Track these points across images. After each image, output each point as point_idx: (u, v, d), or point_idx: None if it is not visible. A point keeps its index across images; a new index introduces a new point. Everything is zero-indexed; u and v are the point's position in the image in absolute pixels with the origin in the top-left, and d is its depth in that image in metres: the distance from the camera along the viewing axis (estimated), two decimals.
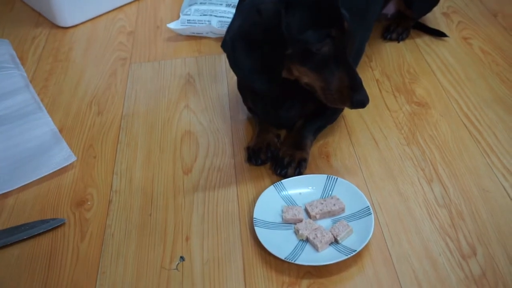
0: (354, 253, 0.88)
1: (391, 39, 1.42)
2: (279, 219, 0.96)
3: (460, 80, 1.28)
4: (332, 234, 0.91)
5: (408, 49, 1.39)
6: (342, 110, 1.16)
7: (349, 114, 1.20)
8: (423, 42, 1.41)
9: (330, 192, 1.00)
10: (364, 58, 1.35)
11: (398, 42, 1.41)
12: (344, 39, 0.93)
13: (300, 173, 1.05)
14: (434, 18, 1.50)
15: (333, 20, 0.92)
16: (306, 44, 0.91)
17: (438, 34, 1.42)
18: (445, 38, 1.42)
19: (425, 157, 1.09)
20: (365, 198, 0.97)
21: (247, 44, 0.92)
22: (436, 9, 1.50)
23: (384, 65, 1.34)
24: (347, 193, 0.99)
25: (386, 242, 0.93)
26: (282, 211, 0.96)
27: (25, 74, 1.40)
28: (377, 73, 1.32)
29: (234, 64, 0.95)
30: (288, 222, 0.95)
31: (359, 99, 0.94)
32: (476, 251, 0.91)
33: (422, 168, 1.07)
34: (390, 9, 1.40)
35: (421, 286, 0.87)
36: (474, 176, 1.04)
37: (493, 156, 1.08)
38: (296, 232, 0.93)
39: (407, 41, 1.42)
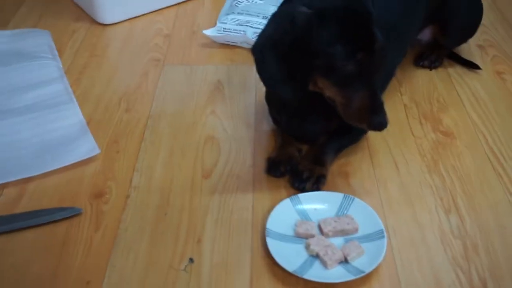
0: (363, 274, 0.88)
1: (423, 66, 1.42)
2: (291, 232, 0.96)
3: (489, 114, 1.27)
4: (342, 253, 0.91)
5: (440, 77, 1.39)
6: (366, 131, 1.16)
7: (373, 136, 1.20)
8: (456, 72, 1.41)
9: (345, 211, 1.00)
10: (394, 82, 1.35)
11: (430, 70, 1.41)
12: (372, 60, 0.93)
13: (317, 189, 1.05)
14: (469, 49, 1.49)
15: (363, 40, 0.92)
16: (332, 58, 0.92)
17: (471, 65, 1.41)
18: (478, 71, 1.41)
19: (445, 187, 1.08)
20: (380, 221, 0.96)
21: (276, 51, 0.93)
22: (471, 41, 1.49)
23: (413, 91, 1.34)
24: (362, 214, 0.98)
25: (396, 267, 0.92)
26: (295, 225, 0.96)
27: (61, 66, 1.43)
28: (405, 99, 1.32)
29: (261, 69, 0.97)
30: (300, 237, 0.95)
31: (377, 122, 0.94)
32: (487, 285, 0.90)
33: (441, 197, 1.06)
34: (425, 35, 1.40)
35: None
36: (493, 211, 1.03)
37: None
38: (307, 247, 0.93)
39: (439, 69, 1.41)
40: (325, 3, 0.92)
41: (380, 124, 0.95)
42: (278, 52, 0.94)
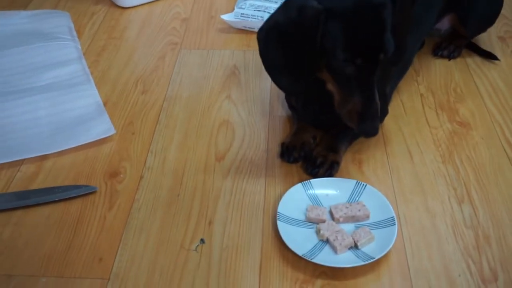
0: (372, 260, 0.88)
1: (441, 56, 1.40)
2: (302, 217, 0.97)
3: (507, 105, 1.26)
4: (353, 238, 0.91)
5: (458, 68, 1.37)
6: (382, 121, 1.15)
7: (388, 125, 1.19)
8: (474, 62, 1.39)
9: (357, 198, 1.00)
10: (411, 72, 1.34)
11: (449, 60, 1.39)
12: (373, 68, 0.90)
13: (331, 175, 1.05)
14: (489, 40, 1.47)
15: (368, 46, 0.89)
16: (333, 58, 0.90)
17: (490, 56, 1.40)
18: (497, 62, 1.39)
19: (459, 177, 1.07)
20: (392, 208, 0.96)
21: (281, 39, 0.93)
22: (492, 32, 1.47)
23: (430, 81, 1.33)
24: (374, 201, 0.98)
25: (406, 255, 0.92)
26: (307, 210, 0.97)
27: (80, 47, 1.45)
28: (422, 88, 1.31)
29: (264, 54, 0.97)
30: (311, 221, 0.96)
31: (365, 129, 0.93)
32: (498, 277, 0.89)
33: (454, 187, 1.05)
34: (444, 24, 1.38)
35: None
36: (507, 202, 1.02)
37: None
38: (318, 232, 0.94)
39: (457, 60, 1.40)
40: (338, 2, 0.88)
41: (366, 132, 0.94)
42: (282, 40, 0.93)
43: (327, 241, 0.92)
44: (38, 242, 0.95)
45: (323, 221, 0.95)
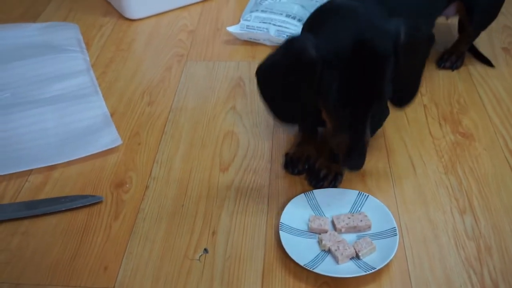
0: (373, 270, 0.89)
1: (444, 68, 1.42)
2: (304, 227, 0.98)
3: (510, 116, 1.26)
4: (354, 249, 0.92)
5: (461, 78, 1.38)
6: (381, 126, 1.16)
7: (391, 136, 1.20)
8: (477, 73, 1.40)
9: (359, 208, 1.01)
10: None
11: (452, 70, 1.40)
12: (365, 114, 0.89)
13: (334, 186, 1.06)
14: (493, 51, 1.48)
15: (361, 95, 0.87)
16: (326, 101, 0.89)
17: (486, 62, 1.42)
18: (501, 73, 1.40)
19: (461, 188, 1.08)
20: (393, 219, 0.97)
21: (278, 78, 0.92)
22: (496, 43, 1.49)
23: (434, 92, 1.34)
24: (376, 212, 0.99)
25: (407, 265, 0.93)
26: (309, 220, 0.98)
27: (88, 59, 1.47)
28: (425, 99, 1.32)
29: (262, 90, 0.96)
30: (313, 232, 0.97)
31: (348, 164, 0.93)
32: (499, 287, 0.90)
33: (456, 198, 1.06)
34: (451, 10, 1.36)
35: None
36: (509, 214, 1.03)
37: None
38: (320, 242, 0.95)
39: (461, 70, 1.41)
40: (337, 45, 0.86)
41: (350, 167, 0.93)
42: (280, 79, 0.92)
43: (329, 251, 0.93)
44: (45, 251, 0.96)
45: (325, 231, 0.96)
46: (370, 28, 0.87)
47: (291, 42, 0.91)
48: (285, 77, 0.92)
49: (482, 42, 1.52)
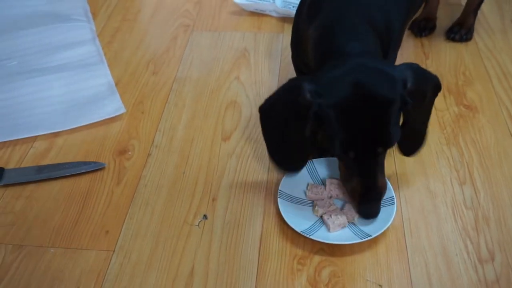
0: (369, 238, 0.89)
1: (453, 40, 1.40)
2: (303, 195, 0.99)
3: None
4: (347, 217, 0.93)
5: (468, 51, 1.37)
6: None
7: None
8: (485, 46, 1.38)
9: None
10: (420, 54, 1.34)
11: (461, 43, 1.39)
12: (371, 158, 0.83)
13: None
14: (503, 24, 1.46)
15: (363, 141, 0.80)
16: (330, 146, 0.83)
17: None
18: (510, 46, 1.38)
19: (462, 160, 1.08)
20: (392, 188, 0.97)
21: (278, 119, 0.87)
22: (506, 16, 1.46)
23: (440, 64, 1.33)
24: None
25: (404, 234, 0.94)
26: (307, 188, 0.99)
27: (94, 28, 1.48)
28: (431, 71, 1.30)
29: (264, 128, 0.92)
30: (311, 200, 0.98)
31: (364, 211, 0.88)
32: (495, 257, 0.90)
33: (457, 169, 1.06)
34: None
35: (430, 281, 0.87)
36: (509, 186, 1.03)
37: None
38: (314, 207, 0.95)
39: (468, 43, 1.39)
40: (336, 92, 0.80)
41: (365, 215, 0.88)
42: (280, 120, 0.87)
43: (321, 218, 0.94)
44: (48, 215, 0.98)
45: (322, 199, 0.96)
46: (375, 73, 0.81)
47: (288, 87, 0.86)
48: (285, 118, 0.86)
49: (491, 14, 1.50)
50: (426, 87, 0.88)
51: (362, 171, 0.85)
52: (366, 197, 0.86)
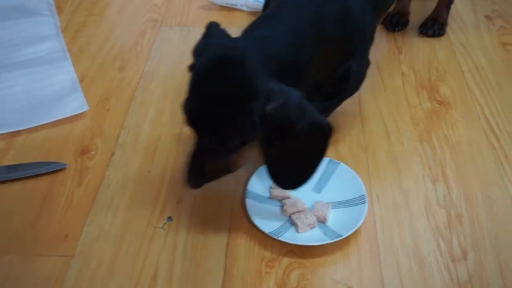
0: (339, 238, 0.87)
1: (426, 35, 1.38)
2: (268, 194, 0.95)
3: (489, 84, 1.23)
4: (316, 217, 0.90)
5: (442, 46, 1.35)
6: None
7: (366, 103, 1.17)
8: (458, 41, 1.37)
9: (329, 176, 0.98)
10: (393, 50, 1.32)
11: (434, 38, 1.37)
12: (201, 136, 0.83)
13: None
14: (476, 19, 1.44)
15: (192, 124, 0.83)
16: None
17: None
18: (482, 41, 1.36)
19: (435, 156, 1.06)
20: (363, 186, 0.95)
21: None
22: (479, 10, 1.45)
23: (413, 59, 1.31)
24: (346, 179, 0.97)
25: (376, 233, 0.91)
26: (271, 187, 0.95)
27: (59, 23, 1.42)
28: (404, 66, 1.28)
29: None
30: (276, 198, 0.94)
31: (187, 180, 0.86)
32: (467, 255, 0.88)
33: (429, 166, 1.04)
34: None
35: (402, 282, 0.84)
36: (482, 182, 1.01)
37: (507, 165, 1.04)
38: (282, 207, 0.92)
39: (441, 38, 1.37)
40: (199, 61, 0.85)
41: (188, 182, 0.87)
42: None
43: (290, 218, 0.91)
44: (4, 219, 0.94)
45: (288, 198, 0.93)
46: (231, 63, 0.80)
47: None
48: None
49: (465, 9, 1.49)
50: (298, 123, 0.76)
51: (195, 150, 0.84)
52: (191, 167, 0.85)
